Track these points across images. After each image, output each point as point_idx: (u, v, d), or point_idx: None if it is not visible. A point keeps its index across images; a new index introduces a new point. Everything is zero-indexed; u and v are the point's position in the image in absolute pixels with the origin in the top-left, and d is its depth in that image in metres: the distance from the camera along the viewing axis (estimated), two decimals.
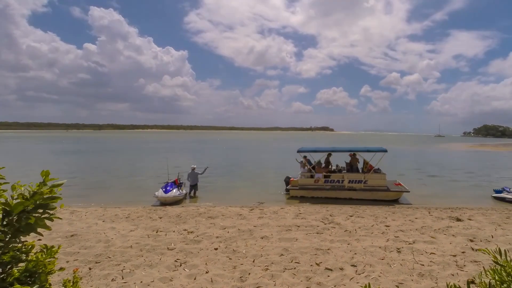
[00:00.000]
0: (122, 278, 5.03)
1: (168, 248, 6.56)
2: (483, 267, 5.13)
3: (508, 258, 1.38)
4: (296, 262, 5.72)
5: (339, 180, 13.60)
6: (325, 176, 13.71)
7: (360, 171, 14.19)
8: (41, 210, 1.43)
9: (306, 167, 14.29)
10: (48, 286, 1.48)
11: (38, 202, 1.41)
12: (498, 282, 1.31)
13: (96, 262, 5.73)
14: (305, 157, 14.63)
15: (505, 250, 1.41)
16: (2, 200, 1.39)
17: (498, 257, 1.40)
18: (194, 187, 13.88)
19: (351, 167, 14.20)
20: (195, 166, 14.30)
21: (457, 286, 1.50)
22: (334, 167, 15.16)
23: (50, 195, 1.43)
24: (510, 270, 1.33)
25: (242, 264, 5.62)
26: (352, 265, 5.56)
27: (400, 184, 13.94)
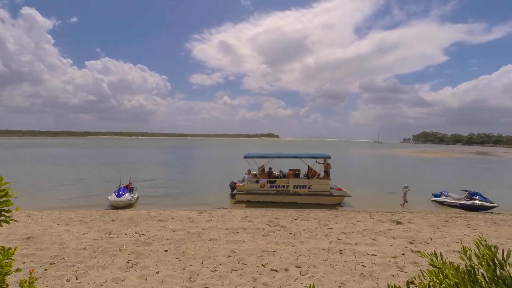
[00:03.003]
0: (76, 279, 5.13)
1: (120, 250, 6.65)
2: (421, 269, 5.77)
3: (445, 260, 1.44)
4: (243, 263, 5.89)
5: (284, 185, 13.96)
6: (270, 182, 14.04)
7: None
8: None
9: (251, 174, 14.76)
10: (5, 286, 1.50)
11: None
12: (437, 283, 1.36)
13: (51, 263, 5.80)
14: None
15: (440, 253, 1.48)
16: None
17: (435, 259, 1.44)
18: None
19: (326, 172, 14.60)
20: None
21: (398, 286, 1.53)
22: (277, 173, 15.65)
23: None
24: (447, 272, 1.36)
25: (191, 265, 5.77)
26: (296, 266, 5.72)
27: (341, 189, 14.47)
